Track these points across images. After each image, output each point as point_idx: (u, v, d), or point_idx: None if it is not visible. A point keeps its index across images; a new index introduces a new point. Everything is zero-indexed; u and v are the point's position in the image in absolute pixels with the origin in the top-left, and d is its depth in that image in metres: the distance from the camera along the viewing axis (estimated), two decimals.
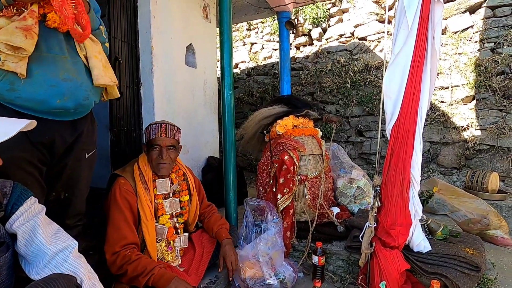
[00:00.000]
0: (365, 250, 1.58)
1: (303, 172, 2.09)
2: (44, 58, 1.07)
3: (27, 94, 1.04)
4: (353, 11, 4.53)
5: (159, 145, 1.48)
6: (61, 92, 1.09)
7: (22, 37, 0.97)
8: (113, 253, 1.30)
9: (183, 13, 2.55)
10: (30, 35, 0.99)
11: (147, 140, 1.54)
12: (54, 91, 1.08)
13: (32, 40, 1.00)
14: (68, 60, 1.13)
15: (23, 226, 0.90)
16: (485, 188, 2.78)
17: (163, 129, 1.50)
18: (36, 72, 1.05)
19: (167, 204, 1.53)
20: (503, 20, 3.37)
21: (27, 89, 1.04)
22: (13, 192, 0.94)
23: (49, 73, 1.07)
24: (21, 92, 1.03)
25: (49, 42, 1.08)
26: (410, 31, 1.37)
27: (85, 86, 1.18)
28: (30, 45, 0.99)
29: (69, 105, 1.13)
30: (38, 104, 1.07)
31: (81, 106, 1.19)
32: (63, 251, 0.91)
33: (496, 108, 3.24)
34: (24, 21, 0.99)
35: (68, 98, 1.12)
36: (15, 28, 0.97)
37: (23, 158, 1.09)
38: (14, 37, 0.96)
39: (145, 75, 2.21)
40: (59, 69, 1.10)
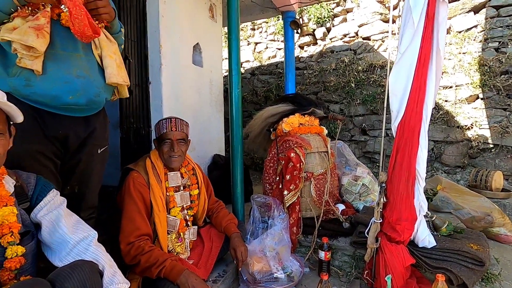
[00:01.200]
0: (371, 245, 1.62)
1: (309, 169, 2.13)
2: (59, 55, 1.11)
3: (42, 90, 1.09)
4: (357, 11, 4.56)
5: (170, 138, 1.53)
6: (74, 89, 1.14)
7: (34, 36, 1.01)
8: (127, 243, 1.35)
9: (190, 12, 2.60)
10: (42, 34, 1.03)
11: (157, 135, 1.58)
12: (67, 87, 1.12)
13: (43, 39, 1.03)
14: (81, 58, 1.17)
15: (47, 216, 0.95)
16: (489, 186, 2.79)
17: (173, 123, 1.55)
18: (50, 69, 1.09)
19: (178, 197, 1.58)
20: (508, 20, 3.38)
21: (42, 85, 1.08)
22: (37, 184, 0.99)
23: (63, 70, 1.12)
24: (36, 88, 1.08)
25: (64, 40, 1.12)
26: (416, 30, 1.40)
27: (97, 83, 1.23)
28: (41, 44, 1.03)
29: (81, 101, 1.17)
30: (51, 100, 1.11)
31: (93, 103, 1.23)
32: (84, 240, 0.95)
33: (500, 107, 3.25)
34: (37, 20, 1.03)
35: (80, 94, 1.16)
36: (28, 28, 1.01)
37: (39, 151, 1.13)
38: (27, 36, 1.00)
39: (154, 73, 2.26)
40: (73, 66, 1.14)
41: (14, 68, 1.04)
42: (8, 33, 0.99)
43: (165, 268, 1.30)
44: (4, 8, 1.00)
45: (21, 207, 0.93)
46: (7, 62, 1.05)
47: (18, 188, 0.95)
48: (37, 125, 1.12)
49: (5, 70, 1.05)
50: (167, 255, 1.37)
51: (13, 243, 0.86)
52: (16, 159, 1.05)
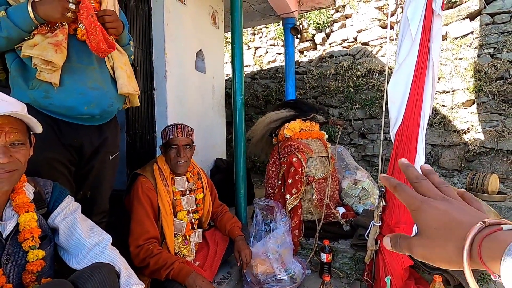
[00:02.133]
0: (370, 247, 1.67)
1: (310, 174, 2.18)
2: (75, 68, 1.17)
3: (59, 102, 1.15)
4: (356, 17, 4.64)
5: (177, 144, 1.59)
6: (88, 100, 1.20)
7: (53, 51, 1.07)
8: (136, 246, 1.40)
9: (193, 20, 2.66)
10: (60, 49, 1.09)
11: (164, 141, 1.64)
12: (82, 99, 1.19)
13: (61, 54, 1.10)
14: (96, 70, 1.24)
15: (64, 221, 1.00)
16: (485, 189, 2.86)
17: (179, 129, 1.61)
18: (67, 81, 1.16)
19: (184, 201, 1.64)
20: (502, 27, 3.47)
21: (59, 97, 1.15)
22: (54, 191, 1.04)
23: (79, 82, 1.18)
24: (54, 100, 1.14)
25: (80, 53, 1.19)
26: (414, 41, 1.47)
27: (110, 94, 1.29)
28: (59, 59, 1.09)
29: (96, 111, 1.24)
30: (68, 110, 1.17)
31: (106, 113, 1.30)
32: (100, 244, 1.00)
33: (495, 112, 3.33)
34: (55, 37, 1.10)
35: (94, 105, 1.22)
36: (47, 44, 1.07)
37: (56, 159, 1.19)
38: (46, 52, 1.06)
39: (159, 80, 2.31)
40: (88, 79, 1.20)
41: (34, 81, 1.10)
42: (29, 49, 1.05)
43: (174, 270, 1.35)
44: (25, 27, 1.06)
45: (39, 212, 0.98)
46: (27, 76, 1.12)
47: (37, 194, 1.00)
48: (54, 134, 1.18)
49: (25, 83, 1.11)
50: (175, 258, 1.42)
51: (34, 247, 0.91)
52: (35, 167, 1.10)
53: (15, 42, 1.08)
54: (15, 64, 1.13)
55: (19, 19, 1.04)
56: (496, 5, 3.54)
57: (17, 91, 1.14)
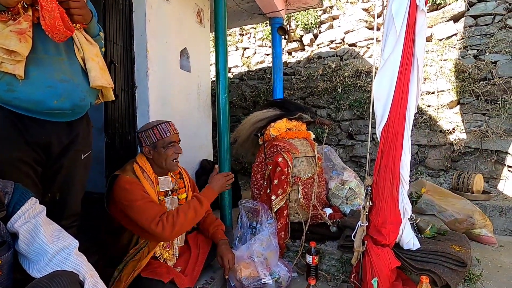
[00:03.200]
0: (357, 249, 1.63)
1: (297, 174, 2.14)
2: (41, 59, 1.09)
3: (25, 95, 1.05)
4: (343, 18, 4.66)
5: (175, 141, 1.54)
6: (58, 93, 1.11)
7: (16, 40, 0.98)
8: (156, 223, 1.32)
9: (177, 17, 2.59)
10: (24, 38, 1.00)
11: (156, 140, 1.50)
12: (51, 92, 1.09)
13: (26, 44, 1.01)
14: (65, 62, 1.15)
15: (24, 225, 0.91)
16: (470, 189, 2.88)
17: (172, 126, 1.57)
18: (34, 73, 1.06)
19: (168, 202, 1.56)
20: (485, 29, 3.54)
21: (25, 90, 1.05)
22: (15, 192, 0.95)
23: (46, 74, 1.09)
24: (19, 93, 1.04)
25: (46, 44, 1.10)
26: (398, 37, 1.44)
27: (82, 87, 1.20)
28: (24, 48, 1.00)
29: (66, 105, 1.14)
30: (35, 105, 1.08)
31: (77, 107, 1.20)
32: (64, 249, 0.92)
33: (479, 112, 3.38)
34: (19, 25, 1.01)
35: (65, 98, 1.13)
36: (9, 32, 0.98)
37: (19, 159, 1.09)
38: (8, 40, 0.97)
39: (140, 78, 2.23)
40: (56, 71, 1.11)
41: None
42: None
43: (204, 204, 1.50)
44: None
45: None
46: None
47: None
48: (17, 132, 1.08)
49: None
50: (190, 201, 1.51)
51: None
52: None
53: None
54: None
55: None
56: (479, 7, 3.61)
57: None
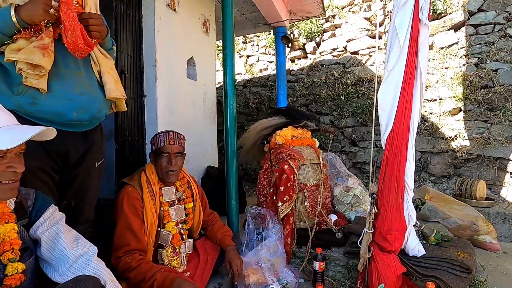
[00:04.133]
0: (363, 255, 1.66)
1: (302, 181, 2.17)
2: (62, 73, 1.14)
3: (47, 108, 1.11)
4: (346, 27, 4.74)
5: (168, 152, 1.55)
6: (77, 106, 1.17)
7: (40, 55, 1.04)
8: (116, 257, 1.36)
9: (184, 28, 2.66)
10: (47, 53, 1.06)
11: (155, 148, 1.60)
12: (71, 104, 1.15)
13: (49, 58, 1.07)
14: (83, 75, 1.21)
15: (46, 232, 0.96)
16: (473, 195, 2.91)
17: (171, 137, 1.58)
18: (56, 87, 1.12)
19: (173, 211, 1.59)
20: (485, 37, 3.60)
21: (47, 103, 1.11)
22: (36, 200, 0.99)
23: (67, 87, 1.15)
24: (42, 106, 1.11)
25: (66, 58, 1.16)
26: (402, 50, 1.49)
27: (99, 99, 1.26)
28: (47, 62, 1.06)
29: (84, 117, 1.21)
30: (56, 117, 1.14)
31: (94, 118, 1.27)
32: (84, 255, 0.96)
33: (481, 119, 3.42)
34: (41, 40, 1.07)
35: (83, 111, 1.19)
36: (33, 48, 1.04)
37: (38, 167, 1.14)
38: (33, 56, 1.03)
39: (149, 87, 2.29)
40: (76, 84, 1.18)
41: (20, 86, 1.06)
42: (13, 54, 1.02)
43: (157, 281, 1.28)
44: (6, 30, 1.02)
45: (20, 223, 0.94)
46: (11, 81, 1.08)
47: (18, 204, 0.95)
48: (37, 142, 1.13)
49: (10, 89, 1.07)
50: (156, 268, 1.34)
51: (13, 260, 0.86)
52: None
53: None
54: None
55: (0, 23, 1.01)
56: (479, 17, 3.68)
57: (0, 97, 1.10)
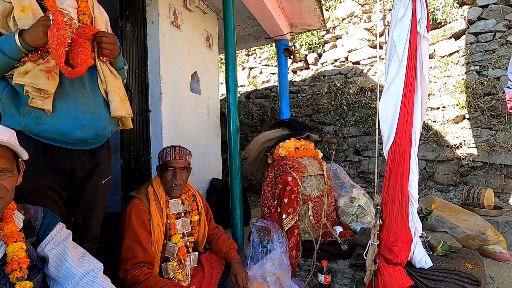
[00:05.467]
0: (369, 267, 1.64)
1: (306, 192, 2.17)
2: (67, 94, 1.18)
3: (52, 127, 1.15)
4: (346, 38, 4.80)
5: (173, 166, 1.59)
6: (81, 124, 1.20)
7: (45, 79, 1.08)
8: (124, 270, 1.38)
9: (188, 43, 2.73)
10: (52, 76, 1.10)
11: (161, 162, 1.64)
12: (75, 123, 1.18)
13: (53, 81, 1.10)
14: (89, 95, 1.24)
15: (54, 250, 0.97)
16: (481, 204, 2.86)
17: (177, 152, 1.62)
18: (60, 107, 1.16)
19: (179, 224, 1.61)
20: (486, 45, 3.62)
21: (52, 123, 1.14)
22: (44, 218, 1.01)
23: (71, 107, 1.18)
24: (47, 126, 1.14)
25: (72, 79, 1.19)
26: (401, 62, 1.52)
27: (104, 117, 1.29)
28: (51, 86, 1.10)
29: (88, 135, 1.23)
30: (60, 136, 1.17)
31: (99, 136, 1.29)
32: (90, 272, 0.97)
33: (486, 126, 3.40)
34: (47, 63, 1.10)
35: (87, 129, 1.22)
36: (39, 71, 1.08)
37: (47, 185, 1.17)
38: (38, 80, 1.07)
39: (154, 102, 2.34)
40: (81, 103, 1.21)
41: (26, 107, 1.10)
42: (20, 77, 1.06)
43: None
44: (14, 55, 1.07)
45: (28, 241, 0.96)
46: (19, 103, 1.12)
47: (26, 222, 0.97)
48: (45, 160, 1.17)
49: (17, 110, 1.11)
50: (163, 282, 1.36)
51: (21, 279, 0.87)
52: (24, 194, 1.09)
53: (5, 70, 1.09)
54: (7, 91, 1.13)
55: (6, 48, 1.05)
56: (479, 25, 3.71)
57: (8, 118, 1.14)
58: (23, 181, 1.01)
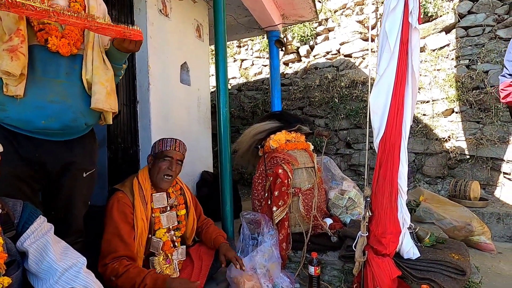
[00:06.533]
0: (358, 259, 1.66)
1: (297, 185, 2.17)
2: (37, 81, 1.11)
3: (14, 115, 1.09)
4: (338, 30, 4.78)
5: (171, 157, 1.57)
6: (46, 114, 1.13)
7: (8, 59, 0.99)
8: (103, 265, 1.34)
9: (177, 33, 2.66)
10: (16, 56, 1.00)
11: (157, 151, 1.59)
12: (39, 112, 1.12)
13: (18, 61, 1.01)
14: (62, 84, 1.16)
15: (34, 244, 0.93)
16: (467, 196, 2.93)
17: (177, 143, 1.61)
18: (26, 95, 1.09)
19: (164, 218, 1.58)
20: (476, 39, 3.65)
21: (15, 110, 1.08)
22: (24, 211, 0.97)
23: (38, 95, 1.11)
24: (10, 113, 1.08)
25: (47, 66, 1.13)
26: (392, 54, 1.51)
27: (75, 108, 1.20)
28: (15, 67, 1.01)
29: (55, 126, 1.16)
30: (24, 124, 1.11)
31: (68, 128, 1.21)
32: (73, 267, 0.94)
33: (473, 120, 3.45)
34: (10, 41, 1.01)
35: (54, 119, 1.14)
36: (1, 51, 1.00)
37: (13, 174, 1.11)
38: (1, 60, 0.99)
39: (142, 93, 2.28)
40: (48, 92, 1.13)
41: None
42: None
43: (147, 286, 1.26)
44: None
45: (6, 235, 0.91)
46: None
47: (4, 216, 0.93)
48: (12, 148, 1.11)
49: None
50: (145, 271, 1.32)
51: None
52: None
53: None
54: None
55: None
56: (469, 19, 3.73)
57: None
58: None
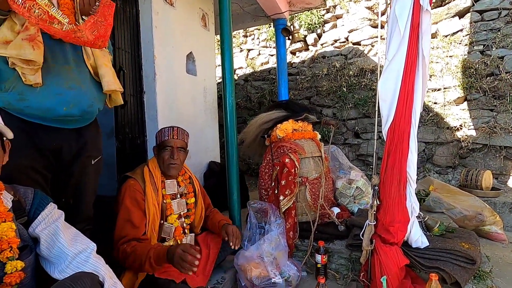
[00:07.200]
0: (366, 247, 1.65)
1: (304, 174, 2.16)
2: (51, 68, 1.12)
3: (36, 104, 1.09)
4: (347, 17, 4.66)
5: (171, 146, 1.57)
6: (66, 100, 1.15)
7: (30, 49, 1.01)
8: (116, 249, 1.39)
9: (183, 23, 2.63)
10: (37, 45, 1.03)
11: (159, 142, 1.62)
12: (60, 99, 1.13)
13: (39, 50, 1.04)
14: (73, 70, 1.18)
15: (45, 230, 0.96)
16: (479, 185, 2.86)
17: (175, 131, 1.61)
18: (44, 82, 1.10)
19: (175, 204, 1.61)
20: (491, 24, 3.50)
21: (36, 99, 1.09)
22: (35, 198, 0.99)
23: (55, 83, 1.13)
24: (30, 102, 1.09)
25: (54, 53, 1.14)
26: (402, 38, 1.46)
27: (90, 94, 1.23)
28: (38, 55, 1.04)
29: (75, 112, 1.18)
30: (45, 112, 1.12)
31: (86, 113, 1.25)
32: (83, 252, 0.96)
33: (487, 108, 3.35)
34: (27, 31, 1.03)
35: (73, 105, 1.17)
36: (21, 41, 1.01)
37: (29, 166, 1.13)
38: (23, 50, 1.00)
39: (148, 83, 2.28)
40: (65, 79, 1.15)
41: (7, 83, 1.04)
42: (3, 49, 1.00)
43: (152, 258, 1.27)
44: None
45: (19, 222, 0.94)
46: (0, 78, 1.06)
47: (16, 203, 0.95)
48: (28, 139, 1.12)
49: None
50: (148, 247, 1.33)
51: (12, 258, 0.87)
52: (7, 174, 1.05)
53: None
54: None
55: None
56: (484, 2, 3.57)
57: None
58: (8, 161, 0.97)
